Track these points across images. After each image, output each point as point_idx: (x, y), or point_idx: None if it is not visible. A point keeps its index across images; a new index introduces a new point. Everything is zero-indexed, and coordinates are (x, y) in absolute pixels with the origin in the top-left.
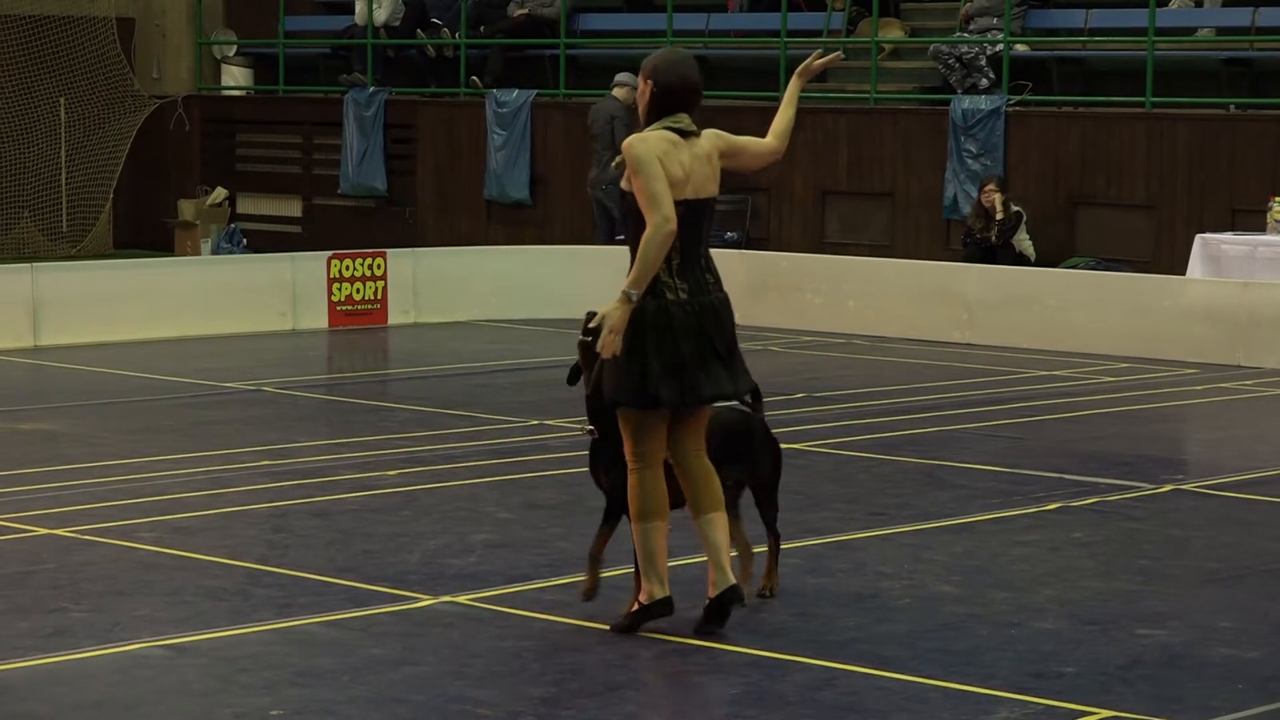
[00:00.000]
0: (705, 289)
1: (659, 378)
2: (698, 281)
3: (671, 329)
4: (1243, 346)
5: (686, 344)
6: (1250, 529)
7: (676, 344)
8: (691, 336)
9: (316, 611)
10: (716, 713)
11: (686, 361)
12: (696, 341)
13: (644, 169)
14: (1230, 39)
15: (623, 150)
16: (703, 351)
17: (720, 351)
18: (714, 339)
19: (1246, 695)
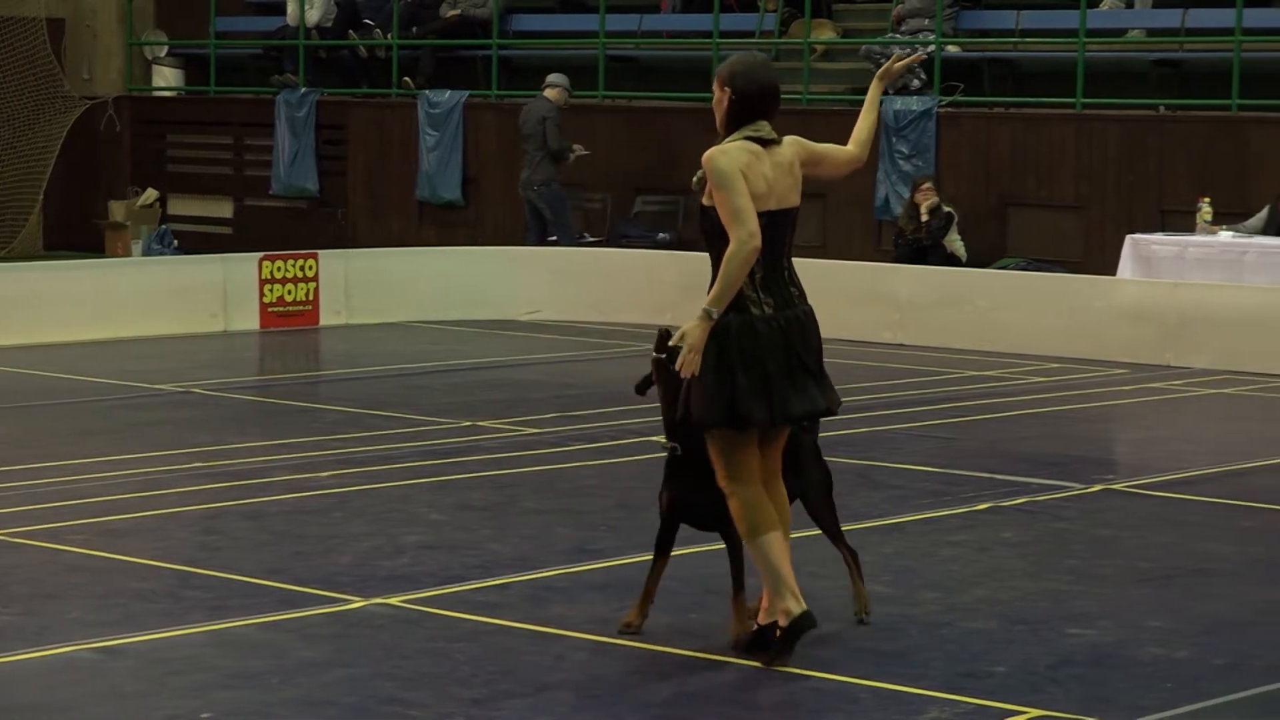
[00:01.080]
0: (790, 302)
1: (748, 397)
2: (782, 295)
3: (758, 345)
4: (1172, 347)
5: (774, 360)
6: (1179, 529)
7: (763, 361)
8: (779, 352)
9: (248, 614)
10: (648, 713)
11: (774, 378)
12: (784, 357)
13: (727, 183)
14: (1160, 40)
15: (703, 163)
16: (791, 367)
17: (810, 366)
18: (802, 353)
19: (1176, 694)
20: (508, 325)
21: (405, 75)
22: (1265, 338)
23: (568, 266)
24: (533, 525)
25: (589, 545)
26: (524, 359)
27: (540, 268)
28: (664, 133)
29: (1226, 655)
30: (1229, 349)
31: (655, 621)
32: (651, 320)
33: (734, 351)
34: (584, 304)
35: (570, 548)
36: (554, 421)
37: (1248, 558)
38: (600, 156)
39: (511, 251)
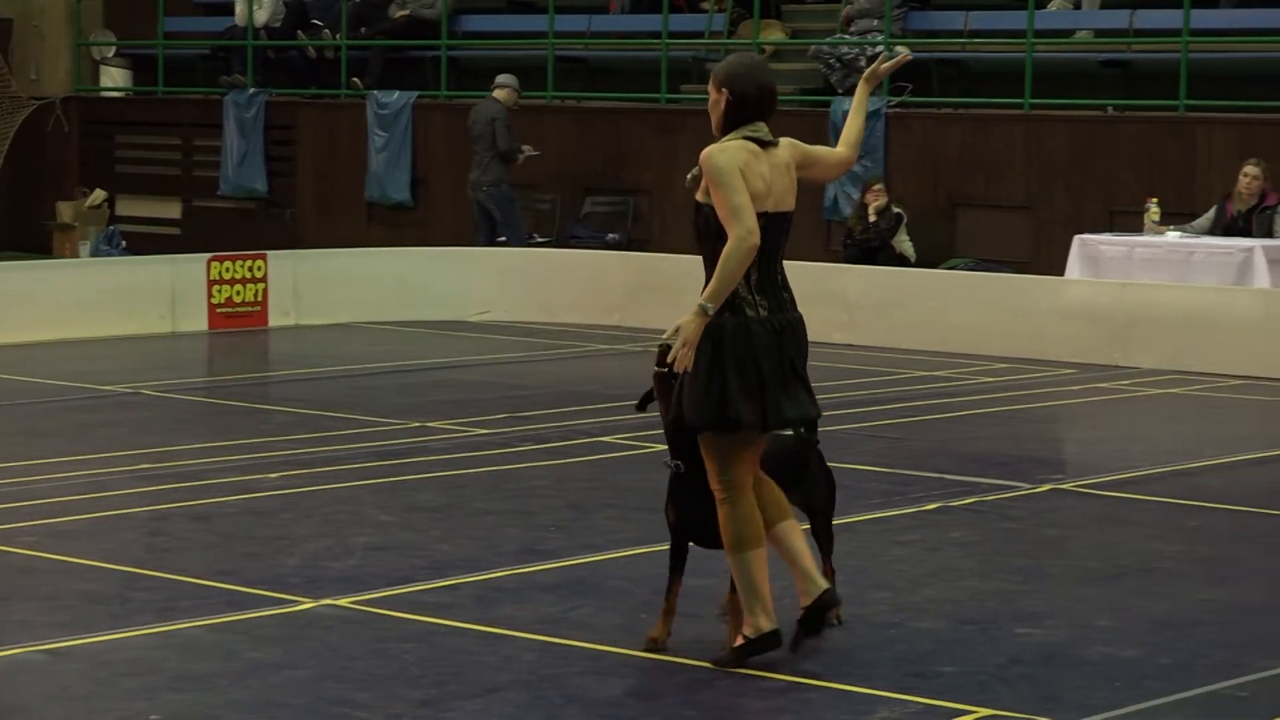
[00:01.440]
0: (784, 306)
1: (739, 399)
2: (776, 298)
3: (752, 348)
4: (1120, 347)
5: (768, 363)
6: (1127, 528)
7: (758, 363)
8: (773, 355)
9: (196, 615)
10: (597, 713)
11: (768, 381)
12: (778, 360)
13: (726, 181)
14: (1108, 41)
15: (701, 160)
16: (783, 371)
17: (800, 372)
18: (794, 358)
19: (1123, 693)
20: (457, 326)
21: (354, 76)
22: (1212, 338)
23: (517, 267)
24: (482, 526)
25: (538, 546)
26: (473, 360)
27: (489, 268)
28: (613, 133)
29: (1173, 654)
30: (1176, 349)
31: (605, 621)
32: (600, 321)
33: (728, 353)
34: (533, 304)
35: (519, 548)
36: (503, 422)
37: (1195, 557)
38: (549, 157)
39: (461, 252)
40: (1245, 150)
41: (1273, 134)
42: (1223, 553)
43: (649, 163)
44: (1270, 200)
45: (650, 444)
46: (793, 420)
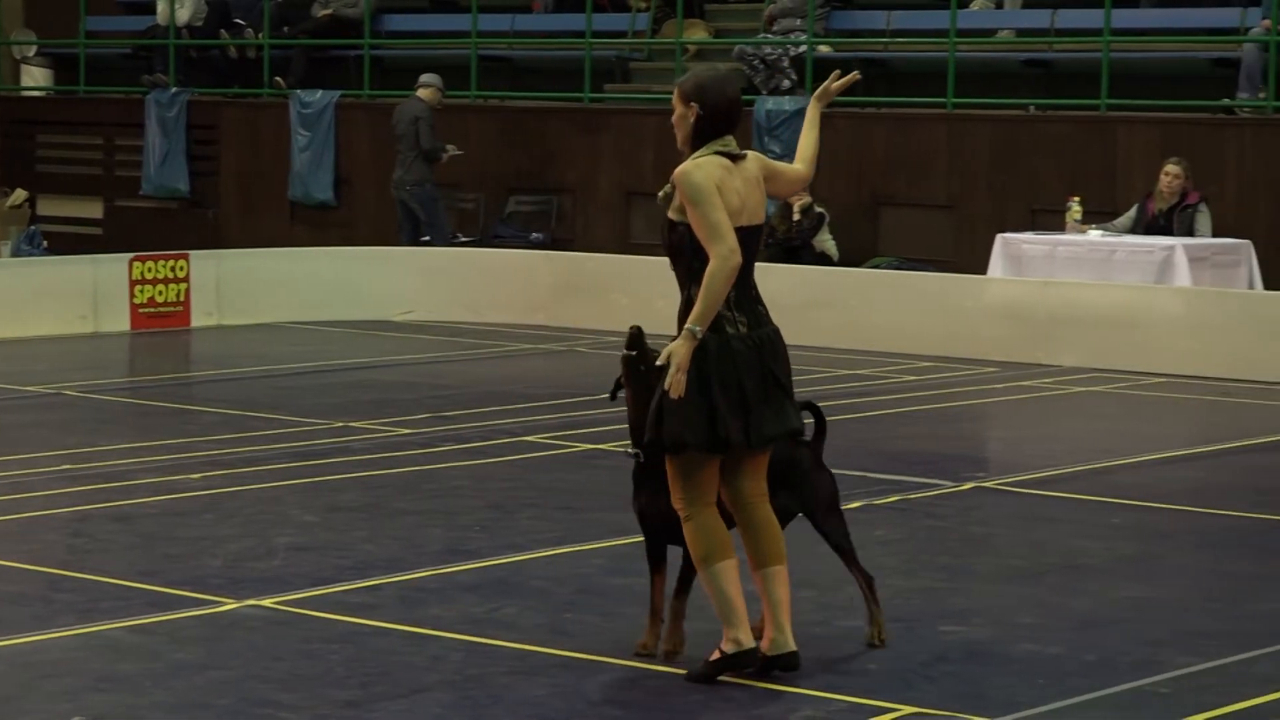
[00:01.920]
0: (761, 320)
1: (727, 418)
2: (754, 313)
3: (735, 365)
4: (1042, 345)
5: (750, 380)
6: (1050, 525)
7: (741, 381)
8: (754, 371)
9: (119, 616)
10: (523, 713)
11: (750, 399)
12: (760, 376)
13: (704, 199)
14: (1030, 40)
15: (675, 178)
16: (766, 387)
17: (784, 383)
18: (776, 372)
19: (1047, 690)
20: (381, 326)
21: (276, 75)
22: (1133, 336)
23: (441, 267)
24: (404, 526)
25: (461, 546)
26: (396, 359)
27: (413, 268)
28: (537, 133)
29: (1097, 651)
30: (1098, 347)
31: (529, 621)
32: (524, 320)
33: (713, 372)
34: (457, 304)
35: (442, 548)
36: (425, 422)
37: (1117, 554)
38: (473, 157)
39: (384, 252)
40: (1166, 149)
41: (1193, 133)
42: (1145, 550)
43: (573, 162)
44: (1191, 199)
45: (572, 444)
46: (775, 435)
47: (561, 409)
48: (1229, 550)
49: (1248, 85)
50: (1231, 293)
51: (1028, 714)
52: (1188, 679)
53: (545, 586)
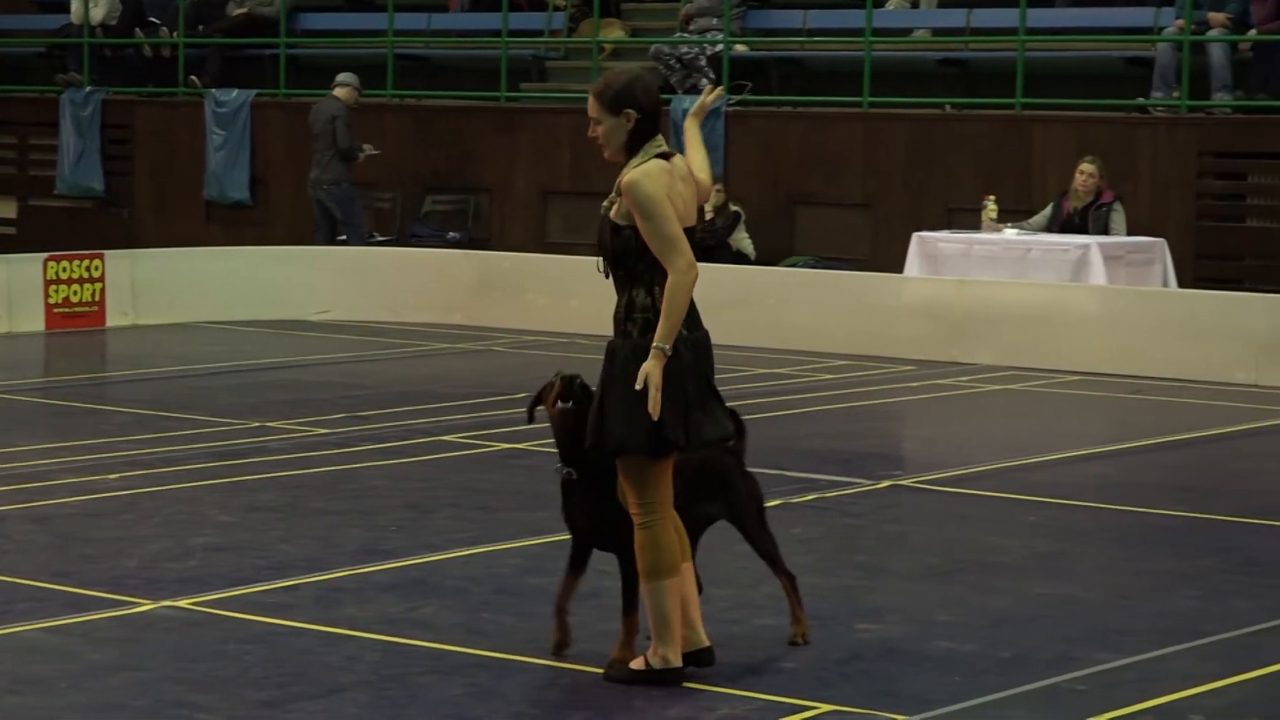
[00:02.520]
0: (697, 323)
1: (671, 421)
2: (693, 314)
3: (679, 368)
4: (958, 343)
5: (690, 383)
6: (966, 523)
7: (683, 384)
8: (693, 374)
9: (34, 618)
10: (440, 713)
11: (691, 401)
12: (697, 379)
13: (657, 211)
14: (945, 40)
15: (624, 188)
16: (702, 389)
17: (714, 387)
18: (709, 375)
19: (962, 688)
20: (297, 325)
21: (191, 74)
22: (1048, 334)
23: (358, 266)
24: (321, 526)
25: (378, 546)
26: (313, 359)
27: (330, 267)
28: (454, 132)
29: (1012, 648)
30: (1013, 345)
31: (446, 621)
32: (441, 320)
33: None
34: (374, 303)
35: (359, 548)
36: (342, 422)
37: (1032, 552)
38: (390, 156)
39: (301, 251)
40: (1081, 148)
41: (1108, 132)
42: (1059, 548)
43: (490, 161)
44: (1106, 198)
45: (489, 443)
46: (712, 439)
47: (478, 409)
48: (1145, 547)
49: (1161, 84)
50: (1146, 291)
51: (943, 711)
52: (1103, 676)
53: (462, 586)
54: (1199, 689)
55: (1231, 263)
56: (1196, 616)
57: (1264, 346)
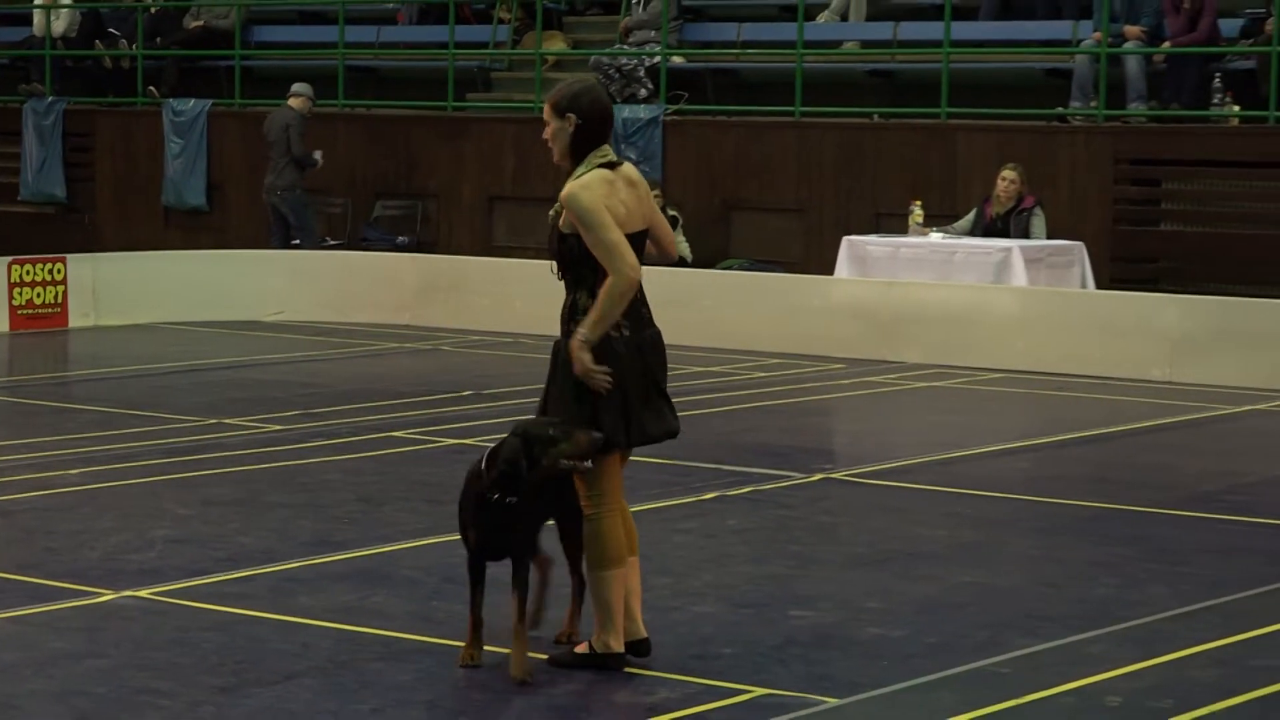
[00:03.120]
0: (644, 323)
1: (611, 418)
2: (638, 315)
3: (619, 367)
4: (887, 343)
5: (632, 382)
6: (895, 514)
7: (623, 383)
8: (637, 373)
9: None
10: (390, 698)
11: (632, 400)
12: (640, 377)
13: (595, 220)
14: (873, 52)
15: (563, 200)
16: (646, 388)
17: (662, 387)
18: (656, 374)
19: (891, 671)
20: (252, 326)
21: (150, 85)
22: (972, 333)
23: (310, 269)
24: (277, 519)
25: (330, 537)
26: (267, 359)
27: (283, 270)
28: (402, 140)
29: (938, 634)
30: (939, 344)
31: (397, 609)
32: (390, 320)
33: None
34: (325, 305)
35: (312, 540)
36: (296, 419)
37: (958, 541)
38: (341, 163)
39: (255, 255)
40: (1003, 155)
41: (1029, 140)
42: (983, 537)
43: (437, 168)
44: (1027, 203)
45: (437, 439)
46: (655, 437)
47: (426, 405)
48: (1065, 537)
49: (1079, 94)
50: (1065, 292)
51: (873, 694)
52: (1026, 659)
53: (413, 576)
54: (1116, 672)
55: (1146, 265)
56: (1114, 603)
57: (1177, 345)
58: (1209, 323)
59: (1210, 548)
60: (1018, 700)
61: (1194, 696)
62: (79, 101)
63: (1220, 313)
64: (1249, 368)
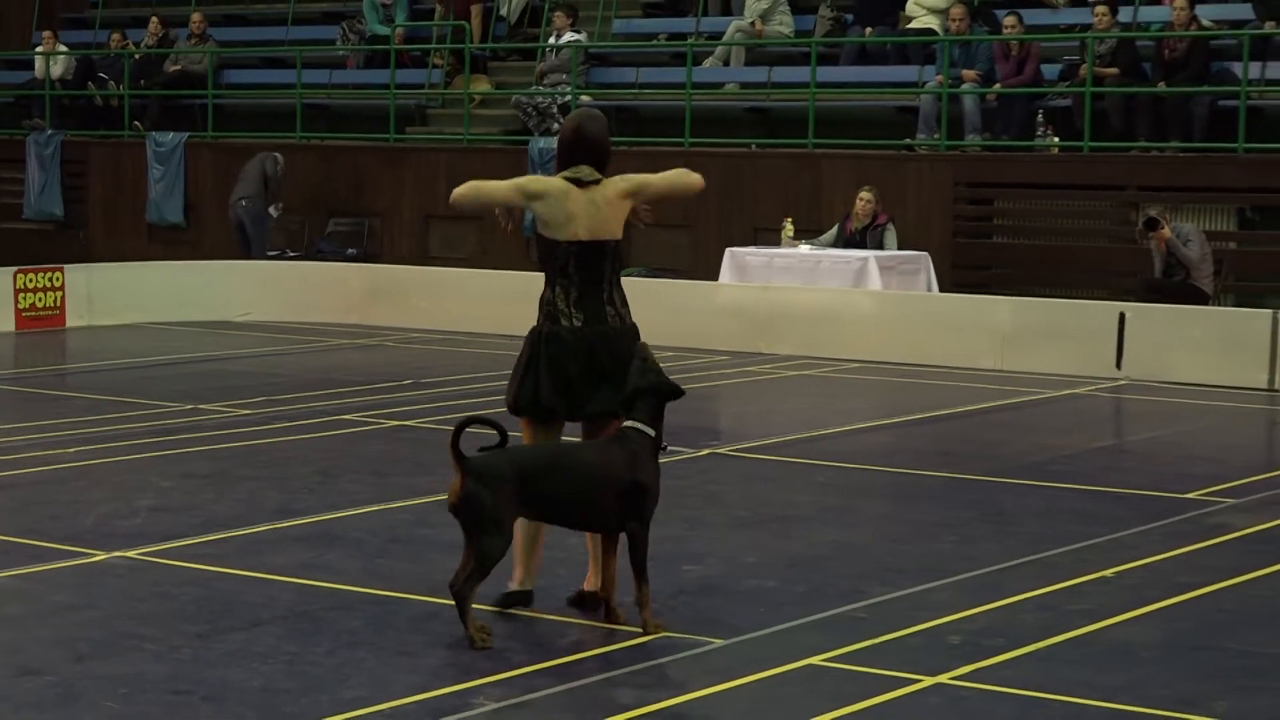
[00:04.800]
0: (602, 319)
1: (550, 393)
2: (595, 313)
3: (562, 351)
4: (763, 337)
5: (575, 365)
6: (770, 483)
7: (564, 365)
8: (581, 360)
9: (5, 567)
10: (342, 640)
11: (574, 380)
12: (587, 364)
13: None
14: (751, 92)
15: None
16: (592, 373)
17: (608, 374)
18: (606, 364)
19: (767, 616)
20: (224, 325)
21: (135, 120)
22: (835, 330)
23: (273, 277)
24: (245, 490)
25: (291, 505)
26: (237, 353)
27: (251, 278)
28: (351, 167)
29: (806, 584)
30: (807, 339)
31: (348, 566)
32: (341, 320)
33: (542, 354)
34: (286, 307)
35: (276, 508)
36: (262, 404)
37: (823, 505)
38: (298, 186)
39: (226, 264)
40: (860, 179)
41: (882, 166)
42: (845, 502)
43: (380, 191)
44: (881, 219)
45: (382, 420)
46: (596, 412)
47: (373, 393)
48: (914, 501)
49: (924, 128)
50: (913, 295)
51: (751, 635)
52: (881, 605)
53: (361, 537)
54: (957, 615)
55: (981, 271)
56: (953, 557)
57: (1007, 339)
58: (1033, 320)
59: (1034, 510)
60: (874, 640)
61: (1021, 636)
62: (74, 134)
63: (1043, 311)
64: (1067, 358)
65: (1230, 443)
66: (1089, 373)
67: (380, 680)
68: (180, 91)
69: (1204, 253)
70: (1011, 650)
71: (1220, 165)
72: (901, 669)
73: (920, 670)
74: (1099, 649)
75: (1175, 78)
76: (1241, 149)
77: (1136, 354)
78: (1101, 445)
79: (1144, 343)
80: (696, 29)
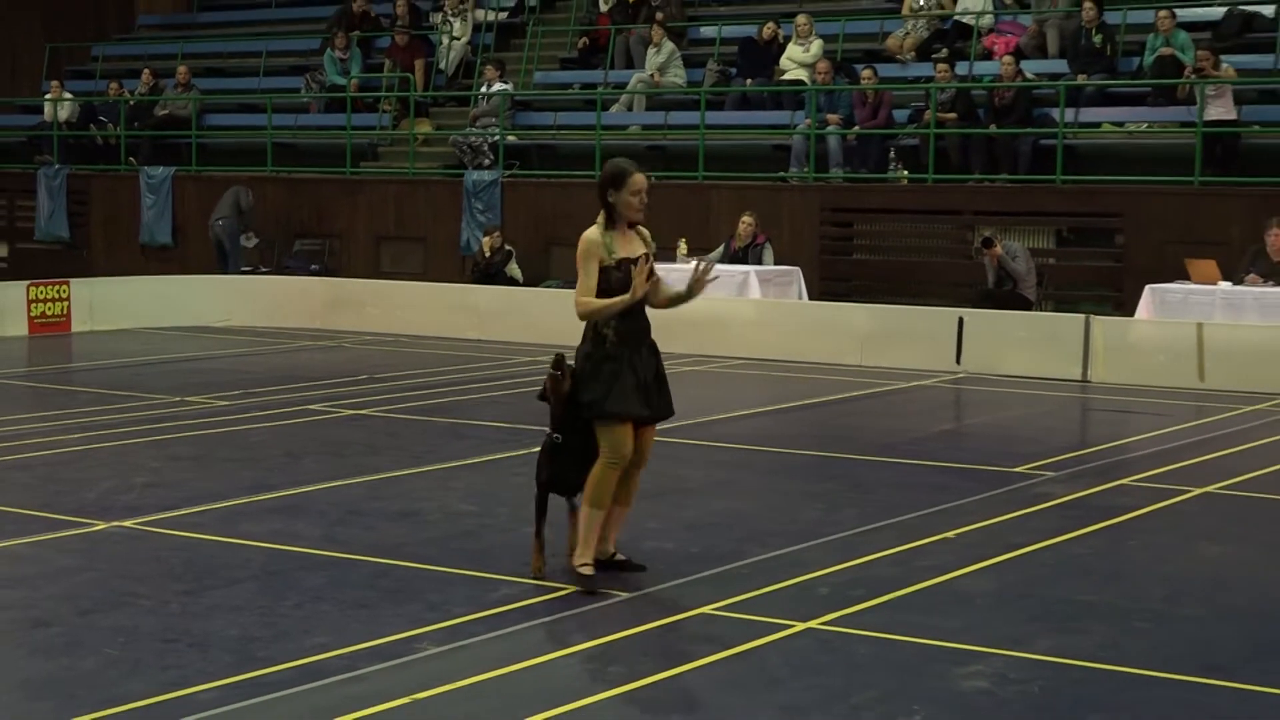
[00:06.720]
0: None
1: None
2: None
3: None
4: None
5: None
6: (669, 461)
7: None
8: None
9: (20, 536)
10: (307, 595)
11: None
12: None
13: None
14: (651, 132)
15: None
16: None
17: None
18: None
19: (665, 574)
20: (206, 330)
21: (130, 156)
22: (723, 333)
23: (248, 289)
24: (224, 470)
25: (264, 482)
26: (217, 354)
27: (230, 290)
28: (314, 196)
29: (699, 546)
30: (700, 340)
31: (312, 533)
32: (306, 325)
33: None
34: (260, 313)
35: (251, 484)
36: (238, 397)
37: (715, 480)
38: (269, 212)
39: (208, 278)
40: (743, 206)
41: (761, 195)
42: (731, 477)
43: (339, 216)
44: (760, 239)
45: (341, 410)
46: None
47: (333, 386)
48: (788, 476)
49: (796, 163)
50: (787, 302)
51: (652, 590)
52: (760, 564)
53: (324, 509)
54: (824, 571)
55: (843, 283)
56: (821, 523)
57: (865, 339)
58: (887, 324)
59: (889, 483)
60: (755, 592)
61: (880, 587)
62: (78, 168)
63: (895, 316)
64: (915, 356)
65: (1051, 425)
66: (934, 368)
67: (340, 629)
68: (168, 132)
69: (1029, 267)
70: (871, 599)
71: (1042, 193)
72: (779, 616)
73: (794, 617)
74: (943, 598)
75: (1004, 121)
76: (1059, 180)
77: (973, 352)
78: (944, 428)
79: (979, 342)
80: (605, 80)
